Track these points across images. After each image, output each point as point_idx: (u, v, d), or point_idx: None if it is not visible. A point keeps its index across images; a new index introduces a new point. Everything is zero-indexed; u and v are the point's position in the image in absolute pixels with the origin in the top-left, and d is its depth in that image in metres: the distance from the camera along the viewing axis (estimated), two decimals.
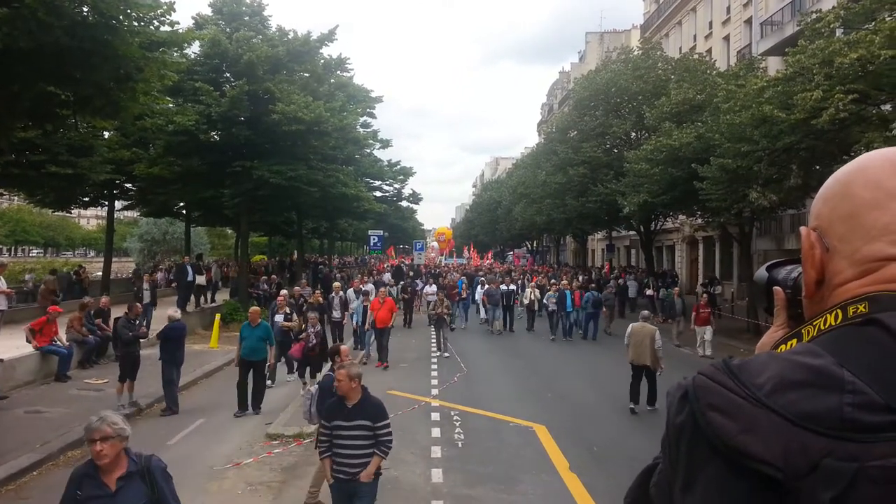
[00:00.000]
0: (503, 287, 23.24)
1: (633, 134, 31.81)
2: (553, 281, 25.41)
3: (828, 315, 0.90)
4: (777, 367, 0.82)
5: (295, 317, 14.94)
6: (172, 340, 11.76)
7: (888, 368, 0.78)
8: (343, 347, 8.79)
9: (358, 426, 5.73)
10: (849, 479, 0.72)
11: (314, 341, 12.76)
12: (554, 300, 21.10)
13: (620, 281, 29.98)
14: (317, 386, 7.94)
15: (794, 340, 0.94)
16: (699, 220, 26.85)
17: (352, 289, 20.45)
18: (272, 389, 13.29)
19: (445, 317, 18.44)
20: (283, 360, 14.41)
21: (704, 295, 20.56)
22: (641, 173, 24.12)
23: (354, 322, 18.34)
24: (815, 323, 0.91)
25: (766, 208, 19.19)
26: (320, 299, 17.77)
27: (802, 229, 0.98)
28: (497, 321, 22.74)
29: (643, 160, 23.83)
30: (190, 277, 21.47)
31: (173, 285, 25.48)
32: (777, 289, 1.09)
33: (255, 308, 12.95)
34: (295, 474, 8.68)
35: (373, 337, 17.30)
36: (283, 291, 17.86)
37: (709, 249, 35.75)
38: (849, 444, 0.74)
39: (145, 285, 20.47)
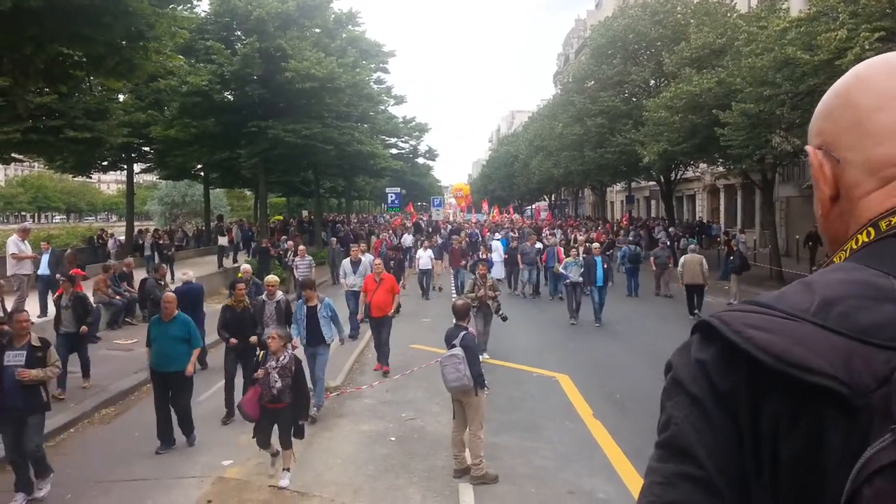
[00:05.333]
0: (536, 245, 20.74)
1: (653, 81, 31.20)
2: (573, 243, 21.32)
3: (858, 235, 0.86)
4: (817, 288, 0.77)
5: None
6: (188, 302, 11.67)
7: None
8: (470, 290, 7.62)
9: None
10: None
11: (277, 384, 6.92)
12: (577, 270, 15.93)
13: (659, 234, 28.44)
14: (459, 348, 7.04)
15: None
16: (720, 168, 26.44)
17: (347, 260, 15.84)
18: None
19: (490, 301, 12.31)
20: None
21: None
22: (661, 121, 23.70)
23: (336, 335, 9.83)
24: (845, 247, 0.87)
25: (789, 153, 18.82)
26: (245, 300, 9.97)
27: (808, 148, 0.94)
28: (530, 283, 20.29)
29: (663, 108, 23.39)
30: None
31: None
32: None
33: (168, 294, 8.92)
34: (322, 426, 8.86)
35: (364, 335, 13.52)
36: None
37: (730, 198, 35.34)
38: None
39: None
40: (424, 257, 20.40)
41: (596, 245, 17.50)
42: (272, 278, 10.58)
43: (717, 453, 0.74)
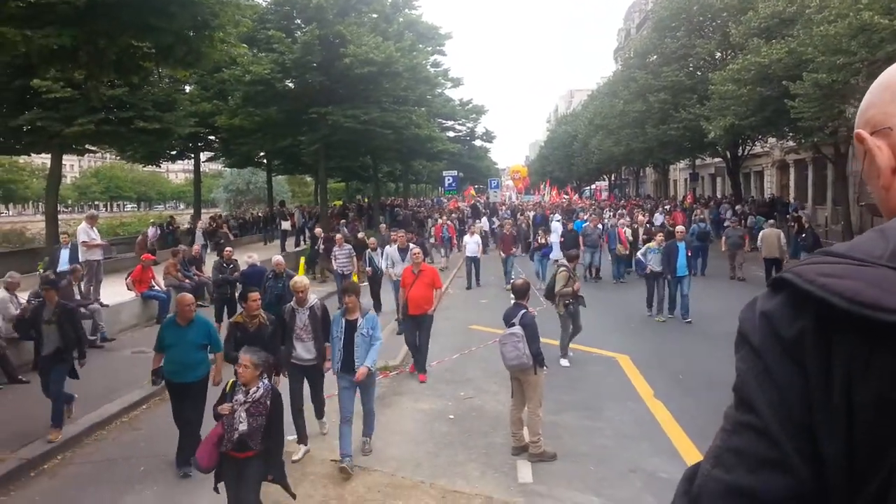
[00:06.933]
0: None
1: (718, 54, 30.19)
2: (655, 227, 19.49)
3: None
4: (891, 234, 0.77)
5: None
6: (253, 283, 11.94)
7: None
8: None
9: None
10: None
11: (241, 425, 5.17)
12: (658, 258, 13.87)
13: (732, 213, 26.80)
14: (518, 326, 7.03)
15: None
16: (790, 142, 25.43)
17: (393, 246, 14.18)
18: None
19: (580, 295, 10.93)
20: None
21: None
22: (728, 95, 22.94)
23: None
24: None
25: None
26: (261, 315, 7.40)
27: (858, 133, 0.94)
28: (592, 266, 19.18)
29: (729, 81, 22.63)
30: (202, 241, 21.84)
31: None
32: None
33: (185, 295, 7.47)
34: (383, 403, 9.02)
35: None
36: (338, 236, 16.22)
37: (801, 173, 33.88)
38: None
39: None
40: (471, 244, 19.11)
41: (680, 228, 14.99)
42: (300, 281, 7.83)
43: (778, 404, 0.75)
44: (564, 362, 10.82)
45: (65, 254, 13.88)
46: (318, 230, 20.96)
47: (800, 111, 18.65)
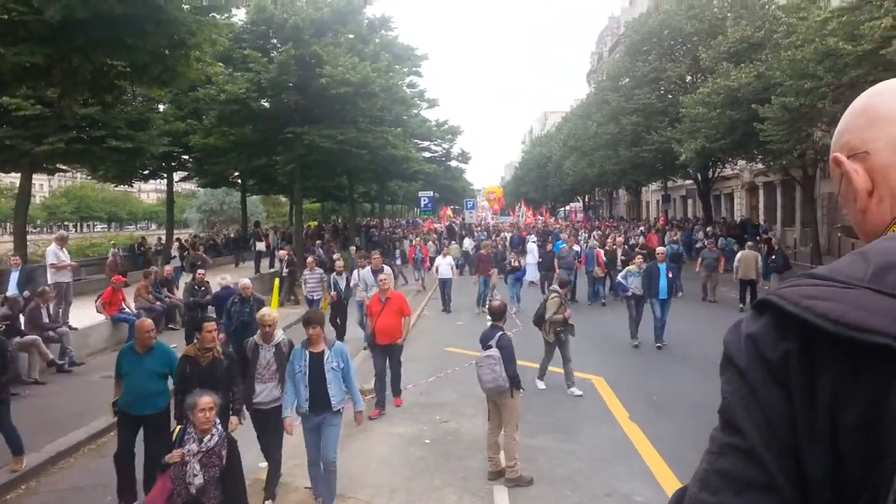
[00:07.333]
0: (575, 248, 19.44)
1: (689, 77, 30.81)
2: (637, 250, 18.07)
3: None
4: (872, 256, 0.78)
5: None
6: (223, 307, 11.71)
7: None
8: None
9: None
10: None
11: (197, 478, 4.80)
12: (639, 280, 13.57)
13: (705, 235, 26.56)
14: (495, 349, 7.02)
15: None
16: (760, 165, 25.96)
17: (367, 269, 13.32)
18: None
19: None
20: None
21: None
22: (698, 118, 23.39)
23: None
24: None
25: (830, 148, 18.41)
26: (217, 348, 6.54)
27: (835, 157, 0.96)
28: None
29: (700, 104, 23.09)
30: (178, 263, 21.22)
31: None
32: None
33: (144, 321, 6.97)
34: (357, 428, 8.87)
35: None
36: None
37: (770, 195, 34.55)
38: None
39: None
40: (444, 265, 18.78)
41: (661, 250, 14.56)
42: (269, 315, 6.89)
43: (763, 426, 0.76)
44: (540, 384, 10.74)
45: (14, 277, 13.28)
46: (281, 252, 20.45)
47: (768, 134, 19.06)
